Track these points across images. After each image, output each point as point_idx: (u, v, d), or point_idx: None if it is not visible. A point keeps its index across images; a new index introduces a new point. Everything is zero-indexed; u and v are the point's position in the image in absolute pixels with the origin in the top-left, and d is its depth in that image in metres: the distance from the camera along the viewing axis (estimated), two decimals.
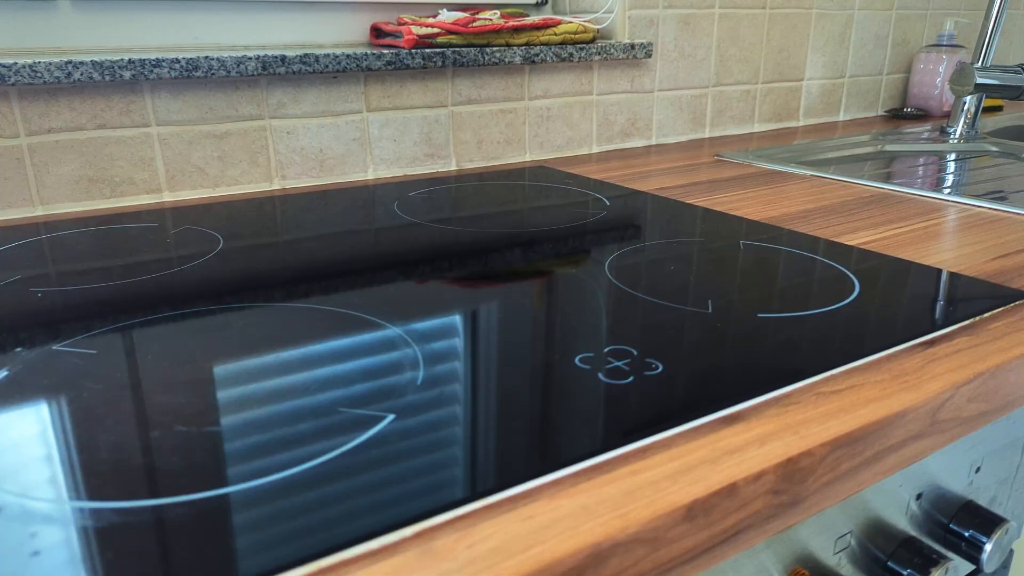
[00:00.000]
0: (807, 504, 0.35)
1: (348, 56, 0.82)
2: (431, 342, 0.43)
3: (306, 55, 0.80)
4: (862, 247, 0.61)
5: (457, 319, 0.46)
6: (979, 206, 0.75)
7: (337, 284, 0.52)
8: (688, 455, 0.33)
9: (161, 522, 0.28)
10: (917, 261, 0.58)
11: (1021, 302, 0.50)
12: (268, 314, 0.47)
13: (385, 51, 0.85)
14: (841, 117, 1.37)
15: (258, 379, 0.38)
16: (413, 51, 0.86)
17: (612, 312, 0.47)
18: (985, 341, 0.44)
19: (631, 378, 0.38)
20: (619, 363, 0.40)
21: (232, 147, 0.81)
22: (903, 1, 1.36)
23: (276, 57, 0.78)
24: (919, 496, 0.44)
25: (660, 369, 0.39)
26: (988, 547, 0.46)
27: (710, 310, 0.47)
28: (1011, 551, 0.54)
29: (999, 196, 0.84)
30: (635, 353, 0.41)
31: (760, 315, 0.46)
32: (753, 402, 0.37)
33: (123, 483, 0.30)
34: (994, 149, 1.16)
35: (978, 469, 0.48)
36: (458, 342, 0.43)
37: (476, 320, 0.45)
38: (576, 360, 0.40)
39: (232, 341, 0.43)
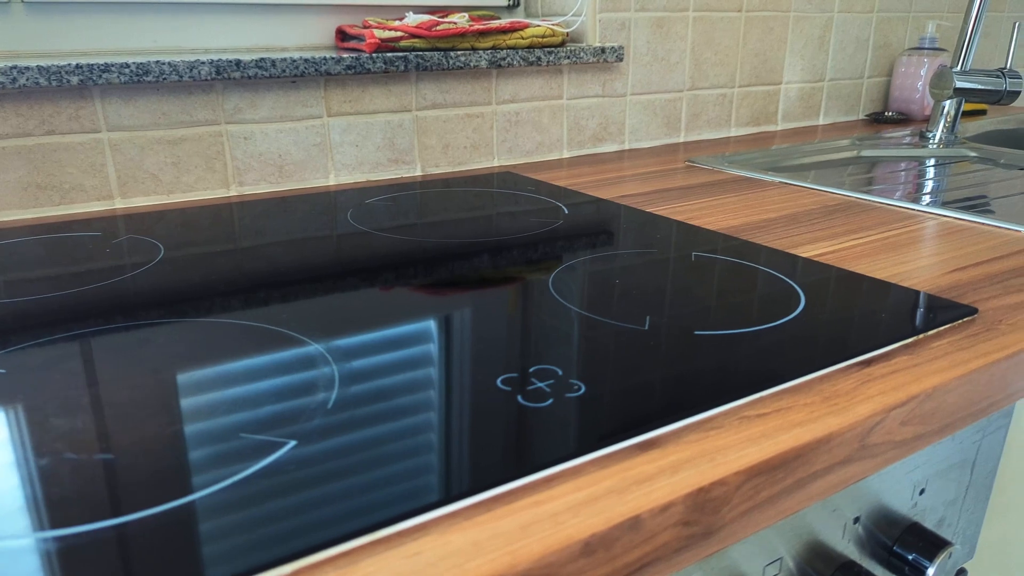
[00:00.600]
0: (723, 535, 0.33)
1: (307, 60, 0.81)
2: (352, 360, 0.41)
3: (262, 59, 0.78)
4: (817, 259, 0.60)
5: (382, 336, 0.44)
6: (945, 215, 0.74)
7: (267, 297, 0.51)
8: (595, 485, 0.32)
9: (47, 555, 0.26)
10: (870, 274, 0.57)
11: (968, 319, 0.48)
12: (188, 330, 0.45)
13: (345, 55, 0.83)
14: (821, 121, 1.35)
15: (162, 402, 0.37)
16: (375, 55, 0.85)
17: (546, 329, 0.45)
18: (925, 360, 0.43)
19: (550, 401, 0.37)
20: (541, 384, 0.38)
21: (187, 153, 0.79)
22: (885, 3, 1.35)
23: (231, 61, 0.77)
24: (856, 520, 0.43)
25: (582, 391, 0.38)
26: (931, 571, 0.44)
27: (646, 327, 0.46)
28: (964, 571, 0.53)
29: (968, 205, 0.83)
30: (560, 373, 0.39)
31: (697, 332, 0.45)
32: (674, 427, 0.36)
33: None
34: (973, 155, 1.15)
35: (922, 491, 0.47)
36: (378, 360, 0.41)
37: (402, 338, 0.44)
38: (498, 381, 0.39)
39: (143, 361, 0.41)
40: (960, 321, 0.48)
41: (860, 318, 0.47)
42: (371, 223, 0.69)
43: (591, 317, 0.47)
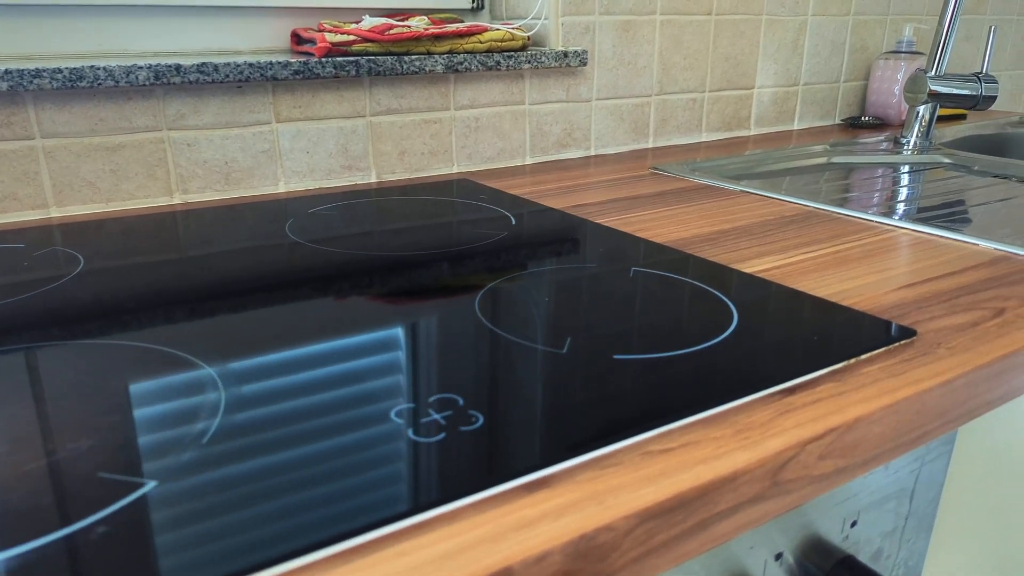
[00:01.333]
0: None
1: (252, 65, 0.79)
2: (244, 384, 0.39)
3: (204, 64, 0.76)
4: (761, 275, 0.58)
5: (280, 358, 0.42)
6: (904, 227, 0.72)
7: (172, 316, 0.48)
8: (469, 532, 0.29)
9: None
10: (813, 292, 0.54)
11: (906, 342, 0.46)
12: (76, 353, 0.43)
13: (292, 60, 0.81)
14: (796, 126, 1.33)
15: (24, 437, 0.35)
16: (324, 60, 0.83)
17: (459, 353, 0.43)
18: (851, 388, 0.40)
19: (441, 435, 0.34)
20: (438, 416, 0.36)
21: (126, 160, 0.77)
22: (861, 6, 1.33)
23: (171, 66, 0.75)
24: (778, 556, 0.41)
25: (479, 423, 0.35)
26: None
27: (565, 350, 0.43)
28: None
29: (933, 216, 0.80)
30: (460, 403, 0.37)
31: (616, 357, 0.43)
32: (569, 464, 0.34)
33: None
34: (947, 161, 1.13)
35: (854, 523, 0.44)
36: (271, 386, 0.39)
37: (301, 361, 0.42)
38: (393, 413, 0.36)
39: (13, 390, 0.39)
40: (896, 344, 0.45)
41: (791, 341, 0.45)
42: (307, 234, 0.67)
43: (510, 339, 0.45)
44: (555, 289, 0.53)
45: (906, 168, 1.12)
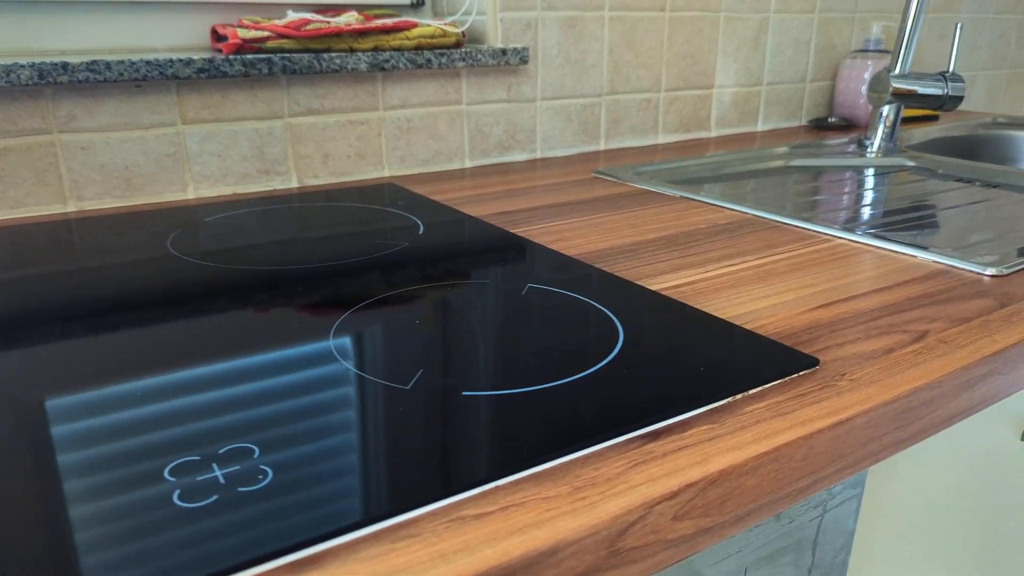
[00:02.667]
0: None
1: (149, 63, 0.73)
2: None
3: (94, 62, 0.71)
4: (669, 292, 0.53)
5: (79, 400, 0.37)
6: (842, 237, 0.67)
7: None
8: None
9: None
10: (720, 312, 0.49)
11: (805, 373, 0.41)
12: None
13: (196, 57, 0.76)
14: (760, 127, 1.28)
15: None
16: (232, 57, 0.77)
17: (281, 390, 0.38)
18: (727, 432, 0.35)
19: (213, 498, 0.29)
20: (219, 473, 0.31)
21: (12, 165, 0.72)
22: (827, 3, 1.28)
23: (57, 65, 0.69)
24: None
25: (265, 481, 0.30)
26: None
27: (410, 386, 0.38)
28: None
29: (882, 224, 0.75)
30: (255, 454, 0.32)
31: (465, 393, 0.37)
32: (353, 536, 0.28)
33: None
34: (911, 164, 1.08)
35: (746, 571, 0.39)
36: (57, 432, 0.34)
37: (101, 402, 0.36)
38: (167, 469, 0.31)
39: None
40: (793, 377, 0.40)
41: (672, 374, 0.39)
42: (188, 247, 0.62)
43: (352, 373, 0.40)
44: (431, 311, 0.48)
45: (867, 171, 1.06)
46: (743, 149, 1.08)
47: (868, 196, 0.89)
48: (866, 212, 0.81)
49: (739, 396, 0.38)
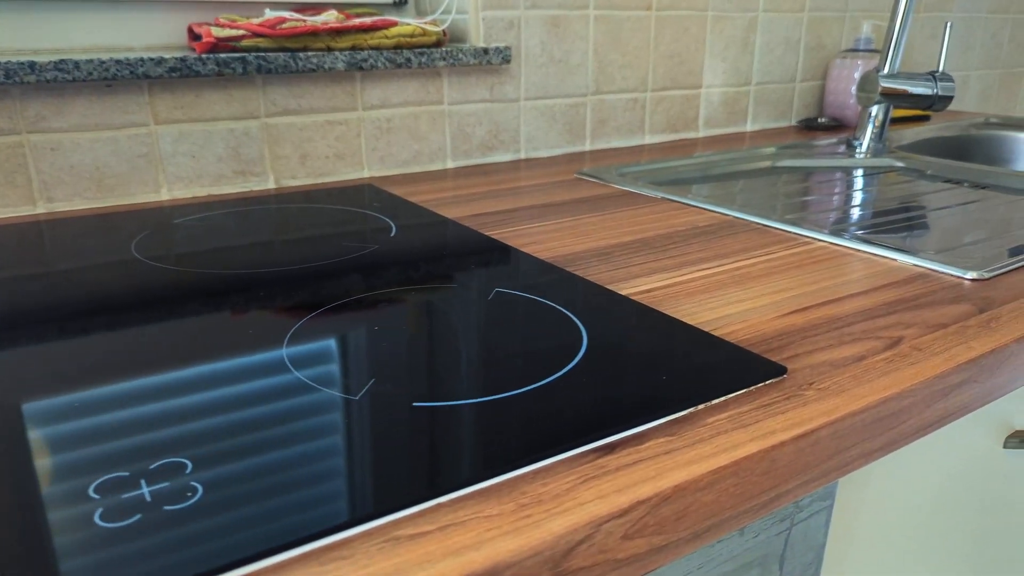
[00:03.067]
0: None
1: (119, 62, 0.72)
2: None
3: (62, 61, 0.69)
4: (640, 296, 0.51)
5: (5, 413, 0.35)
6: (822, 239, 0.65)
7: None
8: None
9: None
10: (690, 317, 0.48)
11: (771, 382, 0.39)
12: None
13: (168, 56, 0.74)
14: (749, 128, 1.27)
15: None
16: (205, 56, 0.76)
17: (223, 401, 0.36)
18: (684, 445, 0.34)
19: (135, 518, 0.28)
20: (146, 490, 0.29)
21: None
22: (816, 2, 1.26)
23: (23, 64, 0.68)
24: None
25: (194, 499, 0.29)
26: None
27: (358, 396, 0.37)
28: None
29: (862, 226, 0.74)
30: (188, 469, 0.31)
31: (416, 404, 0.36)
32: (281, 558, 0.27)
33: None
34: (900, 165, 1.06)
35: None
36: None
37: (36, 416, 0.35)
38: (93, 487, 0.30)
39: None
40: (759, 386, 0.39)
41: (633, 383, 0.38)
42: (152, 250, 0.61)
43: (302, 382, 0.38)
44: (392, 317, 0.47)
45: (854, 172, 1.05)
46: (730, 150, 1.07)
47: (854, 198, 0.88)
48: (851, 214, 0.79)
49: (701, 406, 0.37)
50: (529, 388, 0.38)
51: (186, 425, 0.34)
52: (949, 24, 1.06)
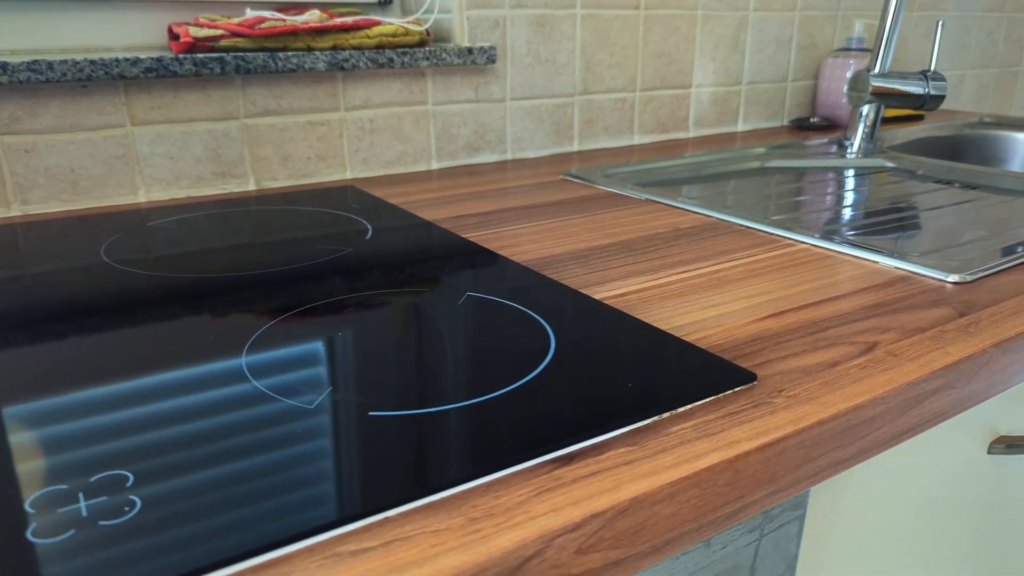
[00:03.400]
0: None
1: (94, 62, 0.71)
2: None
3: (35, 62, 0.69)
4: (614, 300, 0.50)
5: None
6: (805, 242, 0.64)
7: None
8: None
9: None
10: (662, 323, 0.47)
11: (740, 389, 0.38)
12: None
13: (144, 56, 0.73)
14: (740, 128, 1.26)
15: None
16: (182, 57, 0.75)
17: (175, 412, 0.35)
18: (645, 455, 0.33)
19: (68, 533, 0.27)
20: (84, 503, 0.28)
21: None
22: (808, 1, 1.25)
23: None
24: None
25: (131, 513, 0.28)
26: None
27: (313, 406, 0.36)
28: None
29: (848, 228, 0.73)
30: (129, 482, 0.30)
31: (372, 413, 0.35)
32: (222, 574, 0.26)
33: None
34: (890, 165, 1.05)
35: None
36: None
37: None
38: (29, 502, 0.29)
39: None
40: (727, 393, 0.38)
41: (599, 391, 0.37)
42: (123, 254, 0.60)
43: (258, 391, 0.37)
44: (357, 322, 0.46)
45: (844, 173, 1.04)
46: (719, 150, 1.06)
47: (842, 199, 0.87)
48: (837, 215, 0.78)
49: (666, 415, 0.36)
50: (490, 396, 0.37)
51: (134, 437, 0.33)
52: (941, 23, 1.05)
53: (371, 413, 0.35)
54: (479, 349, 0.42)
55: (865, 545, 0.47)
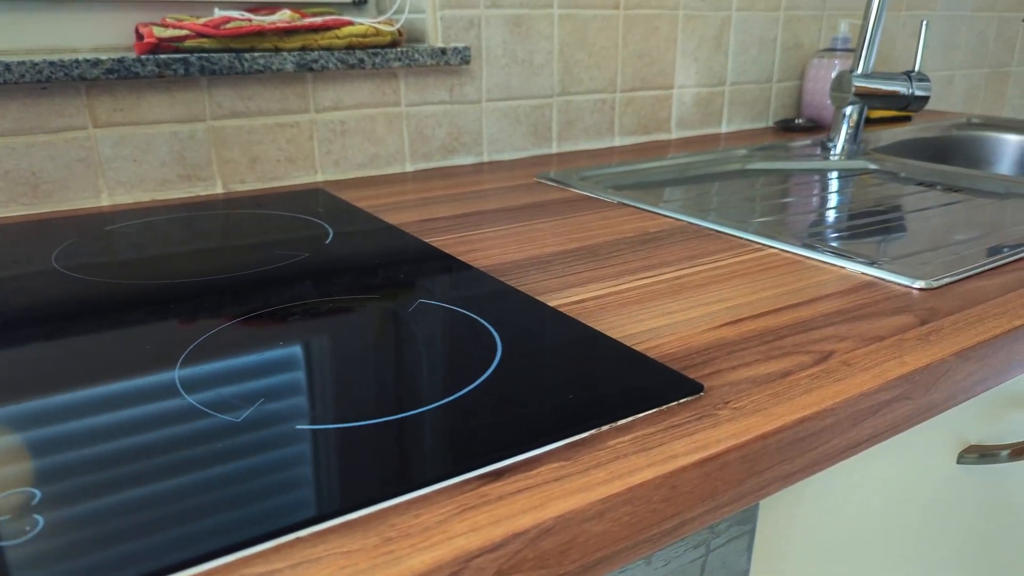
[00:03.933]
0: None
1: (53, 63, 0.70)
2: None
3: None
4: (570, 307, 0.49)
5: None
6: (773, 246, 0.63)
7: None
8: None
9: None
10: (615, 331, 0.45)
11: (685, 401, 0.37)
12: None
13: (104, 57, 0.72)
14: (724, 129, 1.24)
15: None
16: (145, 57, 0.74)
17: (97, 429, 0.34)
18: (577, 471, 0.32)
19: None
20: None
21: None
22: (792, 0, 1.24)
23: None
24: None
25: (32, 533, 0.27)
26: None
27: (240, 419, 0.35)
28: None
29: (820, 232, 0.72)
30: (36, 499, 0.28)
31: (299, 427, 0.34)
32: None
33: None
34: (873, 167, 1.04)
35: None
36: None
37: None
38: None
39: None
40: (670, 405, 0.37)
41: (539, 402, 0.36)
42: (75, 260, 0.58)
43: (187, 403, 0.36)
44: (301, 331, 0.45)
45: (828, 175, 1.03)
46: (701, 152, 1.05)
47: (820, 201, 0.86)
48: (811, 219, 0.77)
49: (604, 428, 0.35)
50: (426, 408, 0.35)
51: (52, 454, 0.32)
52: (925, 22, 1.04)
53: (298, 427, 0.34)
54: (423, 359, 0.41)
55: (824, 558, 0.46)
